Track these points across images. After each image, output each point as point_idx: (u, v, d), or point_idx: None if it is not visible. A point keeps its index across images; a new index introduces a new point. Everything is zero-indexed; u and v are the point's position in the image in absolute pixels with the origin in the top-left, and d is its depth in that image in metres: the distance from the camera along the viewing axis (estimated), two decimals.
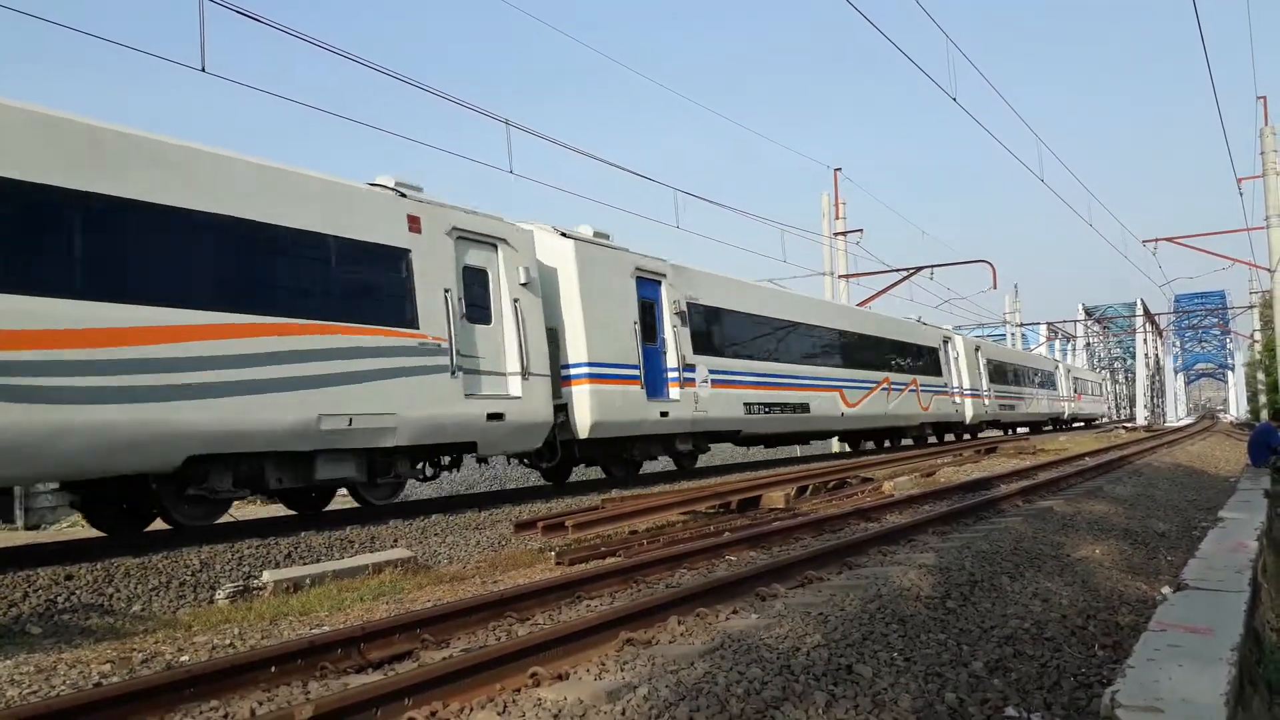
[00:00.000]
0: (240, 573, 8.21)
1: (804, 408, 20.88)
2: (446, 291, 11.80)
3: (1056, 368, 52.92)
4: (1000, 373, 37.31)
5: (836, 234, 36.09)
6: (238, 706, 4.60)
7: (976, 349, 34.34)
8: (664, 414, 15.88)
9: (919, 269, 35.94)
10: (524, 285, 13.01)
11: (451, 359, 11.65)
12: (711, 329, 17.90)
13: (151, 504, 9.90)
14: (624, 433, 15.20)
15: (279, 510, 14.53)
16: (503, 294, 12.77)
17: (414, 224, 11.51)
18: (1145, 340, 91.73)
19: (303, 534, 9.69)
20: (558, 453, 14.60)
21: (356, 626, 5.74)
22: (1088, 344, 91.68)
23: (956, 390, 31.56)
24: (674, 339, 16.36)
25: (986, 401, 34.19)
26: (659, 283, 16.39)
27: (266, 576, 7.91)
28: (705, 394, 17.03)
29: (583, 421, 14.25)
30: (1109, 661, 5.04)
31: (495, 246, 12.82)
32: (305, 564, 8.63)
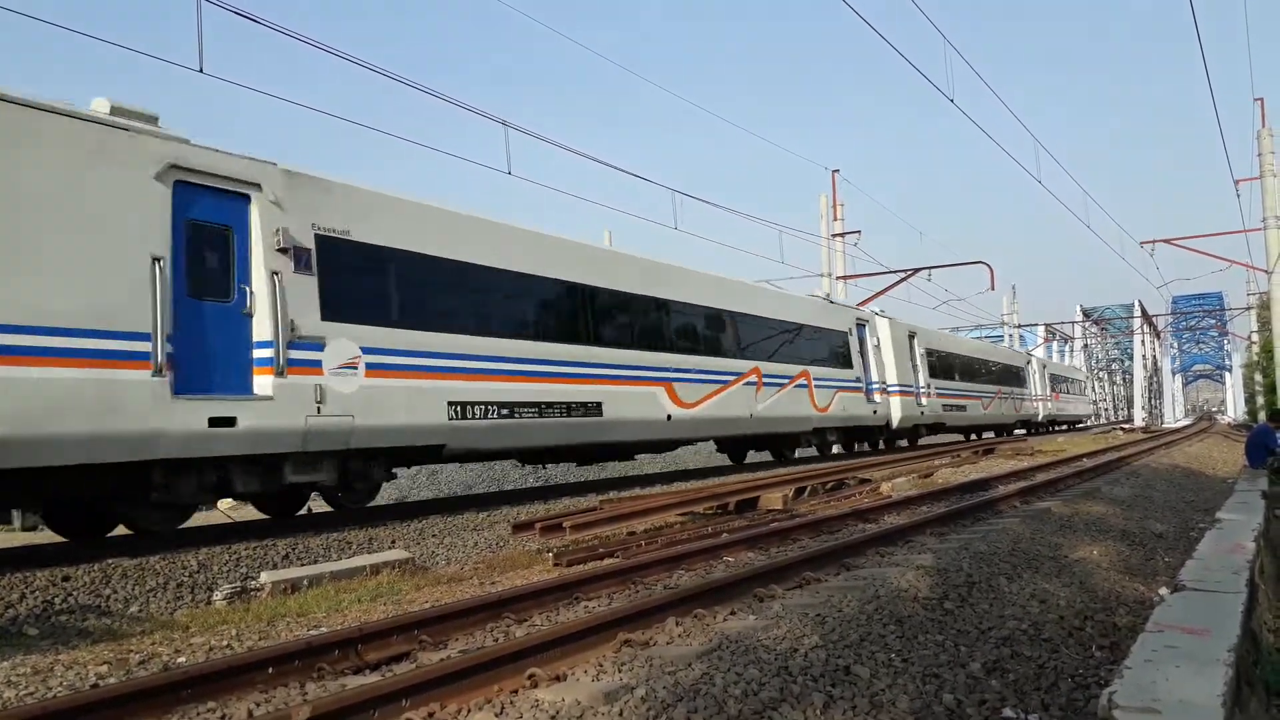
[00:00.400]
0: (238, 574, 8.20)
1: (593, 409, 14.42)
2: None
3: (1028, 363, 47.01)
4: (946, 367, 31.55)
5: (834, 235, 36.12)
6: (235, 708, 4.60)
7: (911, 336, 28.46)
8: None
9: (917, 270, 35.94)
10: None
11: None
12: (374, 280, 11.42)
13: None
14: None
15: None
16: None
17: None
18: (1143, 341, 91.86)
19: (300, 535, 9.68)
20: None
21: (354, 628, 5.74)
22: (1085, 345, 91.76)
23: (876, 386, 25.24)
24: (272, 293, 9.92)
25: (924, 400, 28.27)
26: (244, 198, 9.90)
27: (264, 578, 7.91)
28: (348, 387, 10.58)
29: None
30: (1106, 662, 5.05)
31: None
32: (303, 565, 8.63)
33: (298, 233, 10.23)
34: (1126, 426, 58.67)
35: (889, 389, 26.07)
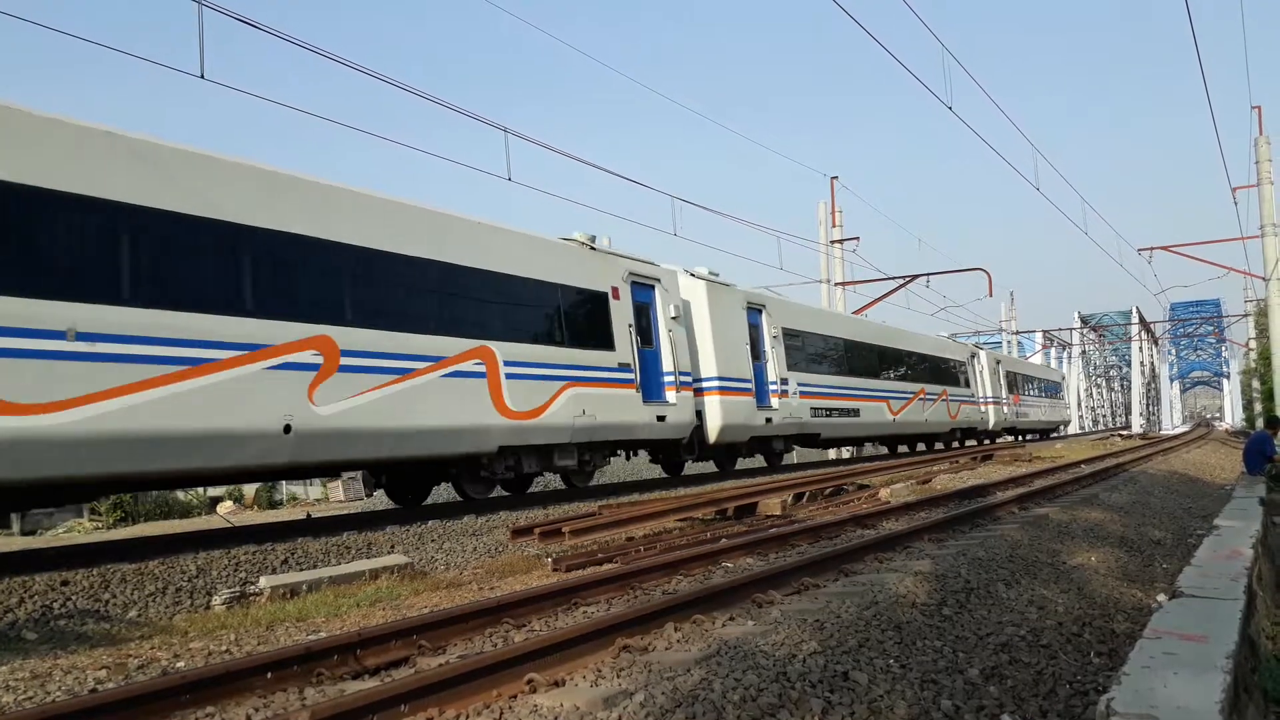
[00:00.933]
0: (237, 578, 8.20)
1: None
2: None
3: (972, 357, 36.32)
4: (821, 355, 23.32)
5: (833, 241, 36.17)
6: (234, 713, 4.60)
7: (754, 308, 20.21)
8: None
9: (915, 277, 36.05)
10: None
11: None
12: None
13: None
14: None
15: (276, 515, 14.50)
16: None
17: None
18: (1141, 348, 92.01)
19: (300, 540, 9.68)
20: None
21: (353, 632, 5.74)
22: (1084, 352, 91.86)
23: (670, 379, 16.74)
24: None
25: (775, 401, 20.33)
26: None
27: (263, 582, 7.91)
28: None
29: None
30: (1104, 669, 5.05)
31: None
32: (302, 570, 8.62)
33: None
34: (1124, 433, 58.61)
35: (702, 384, 17.80)
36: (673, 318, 16.92)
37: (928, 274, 36.22)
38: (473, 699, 4.49)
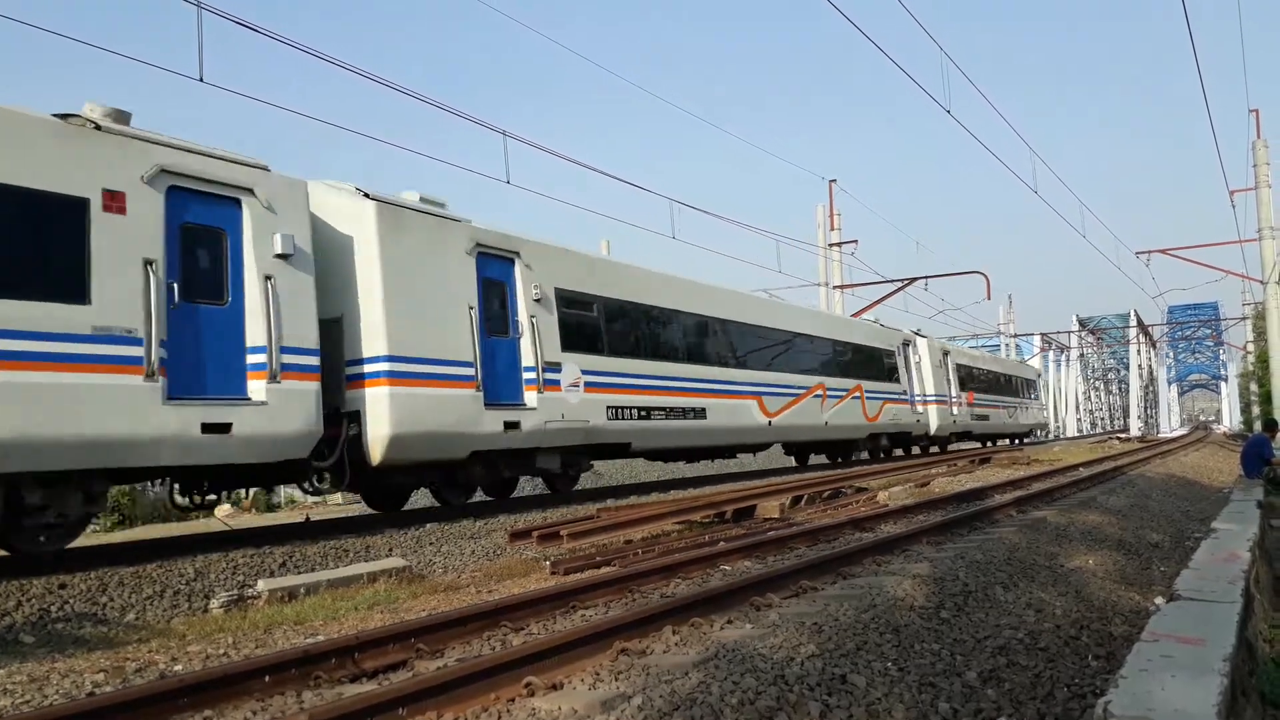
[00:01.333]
0: (235, 582, 8.19)
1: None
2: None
3: (905, 344, 28.94)
4: (626, 336, 16.29)
5: (831, 245, 36.21)
6: (232, 716, 4.61)
7: (511, 261, 13.71)
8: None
9: (913, 280, 36.08)
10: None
11: None
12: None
13: None
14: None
15: (274, 519, 14.49)
16: None
17: None
18: (1139, 351, 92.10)
19: (298, 543, 9.68)
20: None
21: (351, 636, 5.74)
22: (1082, 355, 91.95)
23: (252, 360, 10.13)
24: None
25: (571, 399, 14.33)
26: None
27: (261, 585, 7.91)
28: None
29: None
30: (1102, 672, 5.06)
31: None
32: (300, 573, 8.62)
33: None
34: (1123, 436, 58.65)
35: (362, 367, 11.45)
36: (278, 255, 10.27)
37: (926, 277, 36.24)
38: (471, 702, 4.49)
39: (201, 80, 10.34)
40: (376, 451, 11.18)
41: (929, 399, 29.63)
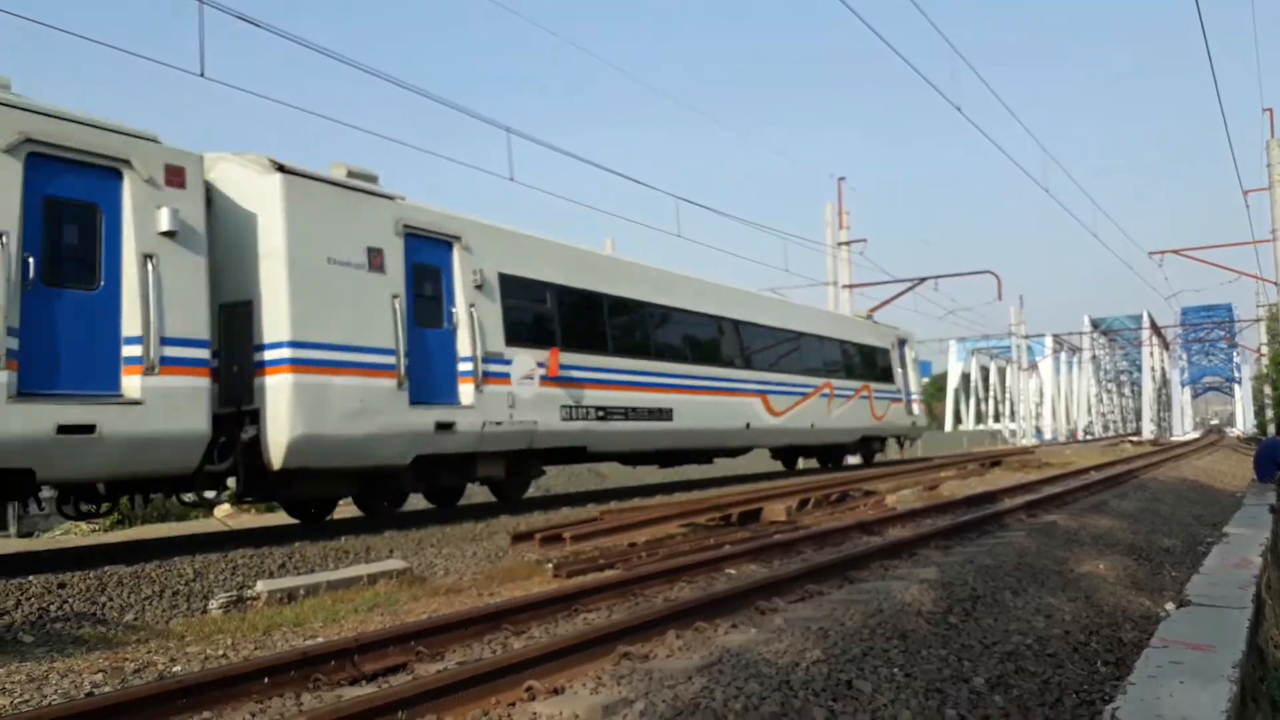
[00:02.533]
0: (234, 583, 8.16)
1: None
2: None
3: (903, 344, 26.55)
4: (581, 327, 14.60)
5: (840, 244, 36.06)
6: (230, 718, 4.58)
7: (450, 245, 12.29)
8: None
9: (923, 279, 35.87)
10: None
11: None
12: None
13: None
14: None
15: (274, 519, 14.51)
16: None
17: None
18: (1152, 353, 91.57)
19: (297, 544, 9.63)
20: None
21: (350, 638, 5.70)
22: (1094, 356, 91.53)
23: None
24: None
25: (523, 394, 12.93)
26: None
27: (260, 587, 7.87)
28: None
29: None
30: (1111, 678, 4.98)
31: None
32: (300, 574, 8.58)
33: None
34: (1135, 439, 58.27)
35: (264, 355, 10.07)
36: (163, 233, 8.99)
37: (936, 276, 35.98)
38: (471, 706, 4.45)
39: (203, 75, 10.31)
40: (277, 453, 9.68)
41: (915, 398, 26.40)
